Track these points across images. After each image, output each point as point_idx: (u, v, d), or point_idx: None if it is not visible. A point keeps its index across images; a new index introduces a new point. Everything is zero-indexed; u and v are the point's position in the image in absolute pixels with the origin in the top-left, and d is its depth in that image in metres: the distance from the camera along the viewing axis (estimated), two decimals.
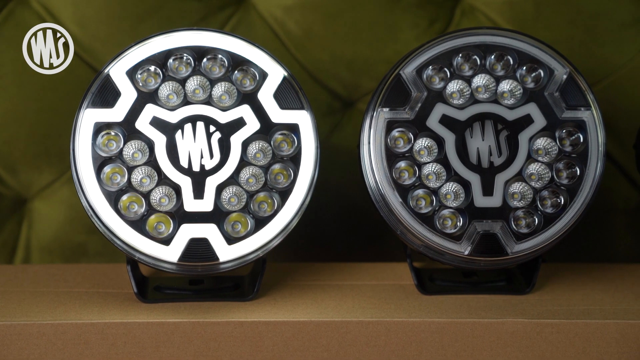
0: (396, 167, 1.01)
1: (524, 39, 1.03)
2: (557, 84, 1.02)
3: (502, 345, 0.98)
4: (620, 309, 1.00)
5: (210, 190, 0.98)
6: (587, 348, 0.97)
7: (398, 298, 1.04)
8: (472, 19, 1.27)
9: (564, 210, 1.01)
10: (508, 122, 1.01)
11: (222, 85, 1.00)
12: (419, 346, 0.98)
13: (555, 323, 0.98)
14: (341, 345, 0.97)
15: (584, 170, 1.01)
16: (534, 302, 1.03)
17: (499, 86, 1.02)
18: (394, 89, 1.01)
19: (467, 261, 1.01)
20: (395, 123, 1.01)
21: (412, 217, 1.00)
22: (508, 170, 1.01)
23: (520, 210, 1.01)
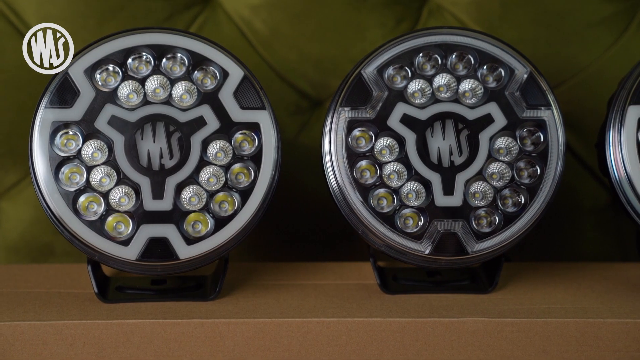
0: (357, 167, 1.01)
1: (485, 38, 1.03)
2: (518, 83, 1.02)
3: (463, 344, 0.98)
4: (580, 308, 1.01)
5: (170, 190, 0.98)
6: (548, 347, 0.98)
7: (361, 297, 1.05)
8: (439, 18, 1.28)
9: (524, 209, 1.01)
10: (469, 122, 1.02)
11: (183, 84, 1.00)
12: (380, 345, 0.98)
13: (516, 322, 0.98)
14: (302, 345, 0.97)
15: (544, 169, 1.02)
16: (496, 301, 1.04)
17: (460, 85, 1.03)
18: (355, 89, 1.02)
19: (428, 260, 1.01)
20: (356, 122, 1.02)
21: (373, 216, 1.00)
22: (469, 170, 1.01)
23: (481, 209, 1.01)
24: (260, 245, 1.31)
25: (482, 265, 1.10)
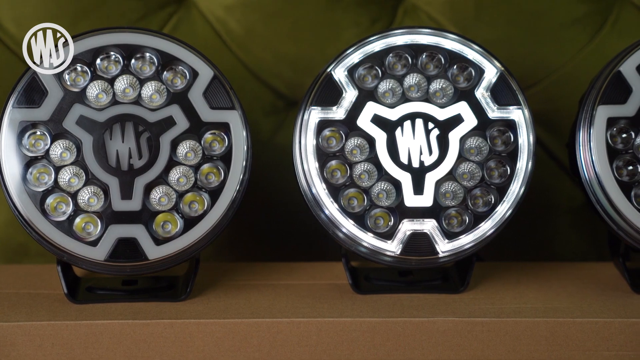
0: (327, 167, 1.01)
1: (455, 38, 1.04)
2: (488, 83, 1.03)
3: (434, 344, 0.98)
4: (551, 307, 1.02)
5: (139, 190, 0.98)
6: (517, 346, 0.98)
7: (332, 297, 1.05)
8: (415, 18, 1.28)
9: (494, 209, 1.02)
10: (439, 122, 1.02)
11: (152, 84, 1.00)
12: (350, 345, 0.98)
13: (486, 321, 0.99)
14: (272, 345, 0.98)
15: (514, 168, 1.02)
16: (468, 300, 1.04)
17: (431, 85, 1.03)
18: (325, 89, 1.02)
19: (399, 260, 1.01)
20: (326, 122, 1.02)
21: (343, 216, 1.01)
22: (439, 170, 1.02)
23: (451, 209, 1.02)
24: (234, 245, 1.31)
25: (454, 265, 1.10)
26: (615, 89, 1.01)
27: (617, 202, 1.00)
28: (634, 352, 0.98)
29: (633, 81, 1.02)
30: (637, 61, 1.02)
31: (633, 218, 1.00)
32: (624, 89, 1.02)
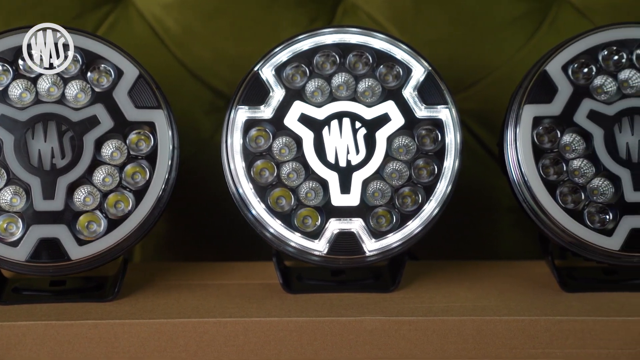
0: (255, 166, 1.02)
1: (384, 37, 1.04)
2: (416, 82, 1.03)
3: (361, 343, 0.99)
4: (479, 306, 1.03)
5: (62, 190, 0.98)
6: (445, 345, 0.99)
7: (262, 297, 1.05)
8: (354, 17, 1.28)
9: (421, 208, 1.02)
10: (366, 121, 1.03)
11: (77, 83, 1.00)
12: (277, 345, 0.98)
13: (413, 320, 0.99)
14: (199, 345, 0.98)
15: (441, 167, 1.03)
16: (398, 299, 1.05)
17: (359, 84, 1.03)
18: (253, 88, 1.02)
19: (327, 260, 1.02)
20: (254, 122, 1.02)
21: (270, 216, 1.01)
22: (365, 169, 1.02)
23: (378, 208, 1.02)
24: (175, 244, 1.31)
25: (388, 264, 1.11)
26: (541, 89, 1.03)
27: (543, 202, 1.02)
28: (560, 350, 0.99)
29: (558, 81, 1.03)
30: (563, 61, 1.03)
31: (558, 217, 1.01)
32: (549, 89, 1.03)
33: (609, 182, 1.02)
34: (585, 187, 1.02)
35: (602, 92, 1.03)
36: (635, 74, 1.03)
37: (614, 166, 1.02)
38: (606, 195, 1.02)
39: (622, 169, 1.02)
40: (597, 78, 1.03)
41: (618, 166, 1.02)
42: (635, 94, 1.03)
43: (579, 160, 1.02)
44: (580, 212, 1.01)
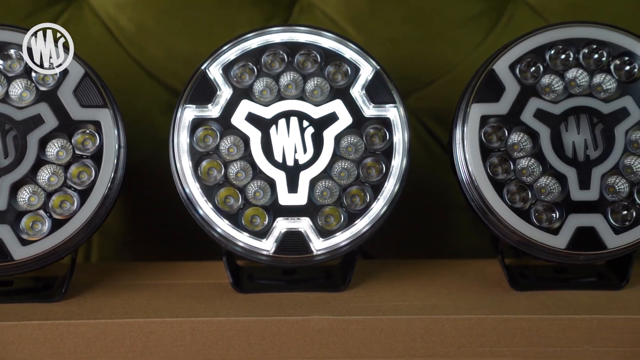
0: (202, 165, 1.02)
1: (332, 36, 1.05)
2: (364, 81, 1.04)
3: (309, 343, 0.99)
4: (428, 305, 1.03)
5: (4, 189, 0.97)
6: (393, 344, 1.00)
7: (212, 297, 1.05)
8: (310, 15, 1.29)
9: (369, 206, 1.03)
10: (313, 120, 1.03)
11: (21, 82, 0.99)
12: (225, 344, 0.98)
13: (361, 320, 1.00)
14: (146, 345, 0.98)
15: (389, 166, 1.03)
16: (348, 299, 1.05)
17: (307, 84, 1.04)
18: (200, 86, 1.02)
19: (275, 259, 1.02)
20: (201, 120, 1.02)
21: (218, 216, 1.01)
22: (313, 168, 1.02)
23: (326, 207, 1.02)
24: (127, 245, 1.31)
25: (340, 263, 1.11)
26: (488, 88, 1.03)
27: (491, 201, 1.02)
28: (508, 348, 0.99)
29: (506, 80, 1.03)
30: (510, 60, 1.03)
31: (506, 216, 1.02)
32: (497, 88, 1.03)
33: (555, 181, 1.03)
34: (532, 186, 1.03)
35: (549, 91, 1.04)
36: (582, 73, 1.04)
37: (561, 165, 1.02)
38: (553, 194, 1.03)
39: (569, 168, 1.02)
40: (545, 77, 1.04)
41: (564, 165, 1.02)
42: (581, 93, 1.04)
43: (526, 159, 1.03)
44: (528, 211, 1.02)
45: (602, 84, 1.04)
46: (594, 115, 1.03)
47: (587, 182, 1.01)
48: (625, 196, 1.02)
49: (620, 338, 0.99)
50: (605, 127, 1.02)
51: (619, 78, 1.04)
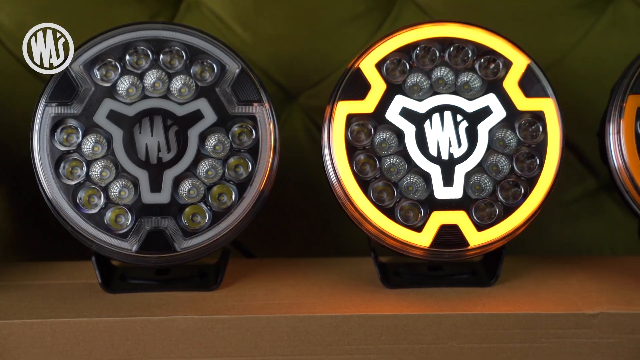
0: (64, 165, 1.01)
1: (196, 33, 1.05)
2: (229, 79, 1.04)
3: (174, 342, 1.00)
4: (296, 303, 1.04)
5: None
6: (260, 343, 1.00)
7: (80, 297, 1.05)
8: (197, 13, 1.29)
9: (233, 205, 1.03)
10: (178, 118, 1.03)
11: None
12: (88, 345, 0.98)
13: (227, 319, 1.00)
14: (4, 347, 0.97)
15: (255, 164, 1.03)
16: (218, 298, 1.06)
17: (172, 82, 1.04)
18: (61, 84, 1.01)
19: (137, 259, 1.01)
20: (63, 118, 1.01)
21: (78, 215, 1.00)
22: (177, 166, 1.02)
23: (189, 206, 1.03)
24: (15, 244, 1.29)
25: (216, 262, 1.11)
26: (354, 86, 1.04)
27: (357, 200, 1.03)
28: (374, 346, 1.01)
29: (372, 78, 1.05)
30: (377, 58, 1.05)
31: (371, 215, 1.03)
32: (362, 86, 1.05)
33: (420, 179, 1.04)
34: (398, 184, 1.04)
35: (417, 89, 1.05)
36: (449, 72, 1.06)
37: (425, 163, 1.04)
38: (418, 192, 1.04)
39: (433, 165, 1.04)
40: (411, 75, 1.05)
41: (429, 163, 1.04)
42: (446, 91, 1.06)
43: (393, 157, 1.04)
44: (392, 208, 1.04)
45: (469, 83, 1.05)
46: (458, 113, 1.04)
47: (451, 179, 1.04)
48: (489, 194, 1.04)
49: (485, 334, 1.01)
50: (469, 125, 1.04)
51: (484, 77, 1.05)
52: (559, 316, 1.00)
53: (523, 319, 1.00)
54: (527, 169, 1.05)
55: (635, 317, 1.00)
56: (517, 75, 1.05)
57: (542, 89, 1.05)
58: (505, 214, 1.03)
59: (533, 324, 1.00)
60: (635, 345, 1.00)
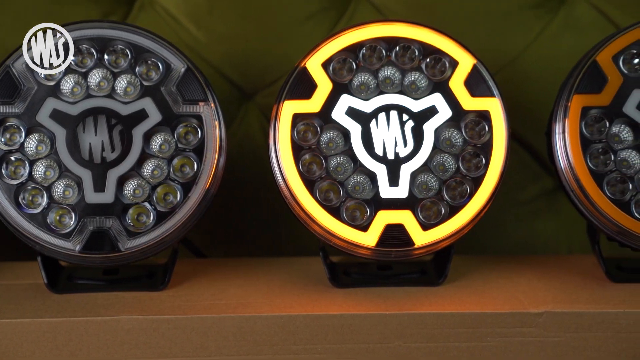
0: (7, 164, 1.01)
1: (141, 32, 1.05)
2: (175, 78, 1.04)
3: (119, 343, 0.99)
4: (243, 303, 1.04)
5: None
6: (206, 342, 1.00)
7: (26, 298, 1.05)
8: (151, 11, 1.29)
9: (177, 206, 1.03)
10: (122, 117, 1.03)
11: None
12: (31, 347, 0.98)
13: (172, 319, 1.00)
14: None
15: (201, 164, 1.04)
16: (165, 298, 1.06)
17: (117, 81, 1.04)
18: (3, 83, 1.01)
19: (82, 259, 1.01)
20: (5, 118, 1.01)
21: (21, 216, 1.00)
22: (121, 166, 1.02)
23: (134, 206, 1.03)
24: None
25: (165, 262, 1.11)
26: (300, 85, 1.05)
27: (302, 199, 1.03)
28: (321, 346, 1.01)
29: (318, 77, 1.05)
30: (322, 58, 1.05)
31: (316, 214, 1.03)
32: (309, 85, 1.05)
33: (366, 178, 1.04)
34: (344, 184, 1.05)
35: (365, 88, 1.06)
36: (396, 71, 1.06)
37: (371, 162, 1.04)
38: (364, 192, 1.05)
39: (378, 165, 1.04)
40: (358, 75, 1.05)
41: (374, 162, 1.04)
42: (393, 90, 1.06)
43: (339, 157, 1.04)
44: (338, 208, 1.04)
45: (415, 82, 1.06)
46: (404, 112, 1.05)
47: (397, 179, 1.04)
48: (435, 193, 1.05)
49: (431, 334, 1.01)
50: (415, 125, 1.05)
51: (431, 76, 1.06)
52: (505, 315, 1.01)
53: (469, 318, 1.01)
54: (474, 168, 1.06)
55: (580, 316, 1.01)
56: (463, 75, 1.06)
57: (487, 89, 1.05)
58: (451, 213, 1.04)
59: (479, 323, 1.01)
60: (580, 343, 1.01)
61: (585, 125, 1.05)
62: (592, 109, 1.05)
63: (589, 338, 1.01)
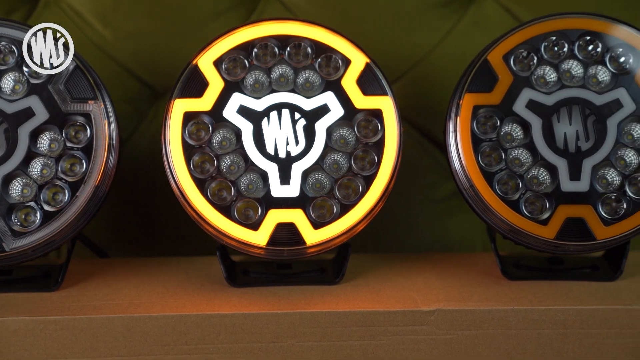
0: None
1: (27, 29, 1.04)
2: (63, 76, 1.04)
3: (5, 344, 1.00)
4: (135, 303, 1.04)
5: None
6: (94, 343, 1.00)
7: None
8: (56, 9, 1.28)
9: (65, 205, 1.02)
10: (7, 115, 1.02)
11: None
12: None
13: (60, 320, 1.00)
14: None
15: (88, 163, 1.03)
16: (57, 298, 1.06)
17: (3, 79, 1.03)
18: None
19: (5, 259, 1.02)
20: None
21: None
22: (6, 165, 1.02)
23: (20, 205, 1.02)
24: None
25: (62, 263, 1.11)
26: (192, 83, 1.05)
27: (193, 199, 1.04)
28: (213, 345, 1.01)
29: (209, 75, 1.06)
30: (214, 56, 1.06)
31: (208, 215, 1.04)
32: (200, 83, 1.05)
33: (258, 177, 1.05)
34: (236, 183, 1.05)
35: (259, 87, 1.06)
36: (289, 69, 1.07)
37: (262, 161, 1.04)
38: (256, 191, 1.05)
39: (270, 164, 1.04)
40: (250, 74, 1.06)
41: (266, 161, 1.04)
42: (285, 88, 1.06)
43: (231, 155, 1.05)
44: (229, 207, 1.04)
45: (308, 80, 1.06)
46: (296, 110, 1.06)
47: (288, 178, 1.05)
48: (326, 192, 1.06)
49: (323, 332, 1.02)
50: (307, 124, 1.05)
51: (324, 75, 1.06)
52: (397, 313, 1.02)
53: (362, 316, 1.02)
54: (367, 166, 1.07)
55: (470, 313, 1.02)
56: (355, 73, 1.07)
57: (380, 87, 1.07)
58: (342, 211, 1.05)
59: (372, 321, 1.02)
60: (471, 340, 1.02)
61: (477, 124, 1.07)
62: (483, 107, 1.07)
63: (480, 335, 1.02)
